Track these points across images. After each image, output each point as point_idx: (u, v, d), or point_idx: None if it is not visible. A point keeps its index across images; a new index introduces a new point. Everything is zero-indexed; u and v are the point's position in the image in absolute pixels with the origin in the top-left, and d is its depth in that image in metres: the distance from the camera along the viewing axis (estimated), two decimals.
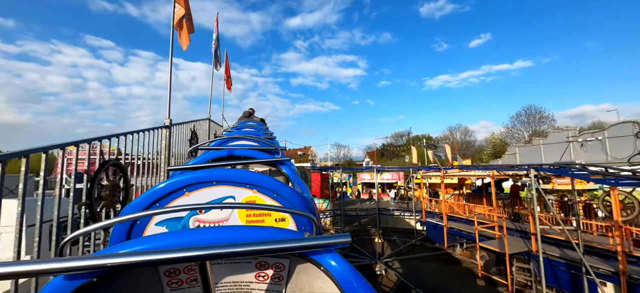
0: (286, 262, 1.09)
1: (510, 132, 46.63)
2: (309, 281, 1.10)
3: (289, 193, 1.75)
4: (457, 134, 60.32)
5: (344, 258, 1.00)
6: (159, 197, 1.59)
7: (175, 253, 0.77)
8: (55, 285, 0.80)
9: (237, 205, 1.65)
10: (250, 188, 1.69)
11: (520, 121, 45.07)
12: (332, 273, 0.96)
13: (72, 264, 0.73)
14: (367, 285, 0.95)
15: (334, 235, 0.94)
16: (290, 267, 1.10)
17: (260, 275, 1.13)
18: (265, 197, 1.71)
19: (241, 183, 1.69)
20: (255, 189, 1.70)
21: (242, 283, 1.14)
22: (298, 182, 2.18)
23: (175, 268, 1.03)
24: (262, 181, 1.71)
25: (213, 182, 1.67)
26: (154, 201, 1.58)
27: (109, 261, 0.74)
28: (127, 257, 0.76)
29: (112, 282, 0.90)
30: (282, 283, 1.14)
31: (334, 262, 0.97)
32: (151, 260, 0.76)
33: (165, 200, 1.60)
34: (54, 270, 0.72)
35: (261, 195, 1.70)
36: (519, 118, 45.25)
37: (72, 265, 0.73)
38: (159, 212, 1.37)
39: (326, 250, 0.98)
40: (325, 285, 1.03)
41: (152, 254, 0.76)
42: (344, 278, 0.95)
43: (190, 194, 1.64)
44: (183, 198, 1.62)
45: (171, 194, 1.61)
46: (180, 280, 1.06)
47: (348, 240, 0.93)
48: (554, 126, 42.74)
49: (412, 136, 72.22)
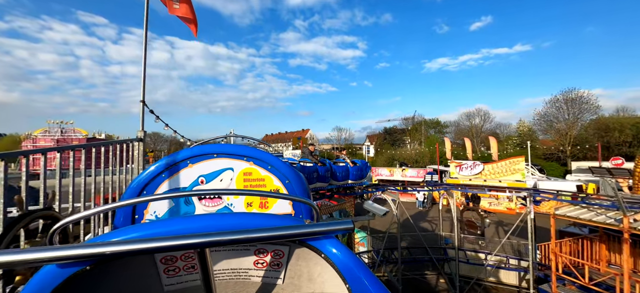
0: (285, 249, 1.11)
1: (544, 119, 39.78)
2: (308, 267, 1.11)
3: (281, 164, 1.89)
4: (476, 119, 53.19)
5: (344, 245, 1.00)
6: (167, 167, 1.84)
7: (174, 240, 0.75)
8: (47, 274, 0.78)
9: (240, 192, 1.77)
10: (247, 160, 1.87)
11: (556, 107, 38.10)
12: (333, 260, 0.97)
13: (64, 253, 0.70)
14: (369, 271, 0.97)
15: (335, 222, 0.93)
16: (289, 254, 1.11)
17: (258, 261, 1.14)
18: (260, 169, 1.88)
19: (238, 156, 1.86)
20: (252, 161, 1.87)
21: (241, 270, 1.16)
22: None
23: (173, 256, 1.02)
24: (258, 154, 1.92)
25: (214, 154, 1.85)
26: (162, 171, 1.82)
27: (102, 250, 0.72)
28: (121, 245, 0.74)
29: (107, 269, 0.90)
30: (281, 270, 1.16)
31: (335, 250, 0.98)
32: (146, 248, 0.73)
33: (172, 169, 1.83)
34: (46, 259, 0.69)
35: (257, 166, 1.88)
36: (555, 103, 38.26)
37: (64, 254, 0.70)
38: (152, 199, 1.33)
39: (326, 237, 0.98)
40: (324, 271, 1.05)
41: (147, 242, 0.73)
42: (345, 265, 0.95)
43: (193, 166, 1.84)
44: (187, 169, 1.85)
45: (177, 165, 1.85)
46: (177, 267, 1.05)
47: (350, 226, 0.91)
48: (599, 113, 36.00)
49: (419, 120, 64.98)
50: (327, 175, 7.96)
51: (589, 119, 37.57)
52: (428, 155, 46.21)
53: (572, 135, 37.28)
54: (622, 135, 33.56)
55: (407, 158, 47.54)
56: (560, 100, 38.39)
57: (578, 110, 37.12)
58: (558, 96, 38.77)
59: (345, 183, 8.61)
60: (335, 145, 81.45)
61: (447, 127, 64.75)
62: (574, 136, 37.19)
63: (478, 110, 54.12)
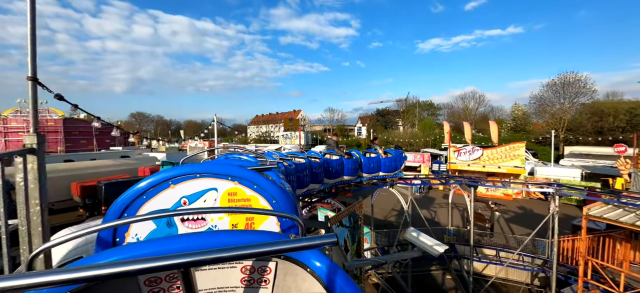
0: (272, 265, 1.10)
1: (539, 102, 39.36)
2: (296, 283, 1.10)
3: (268, 184, 1.78)
4: (471, 102, 52.60)
5: (329, 258, 1.02)
6: (147, 189, 1.68)
7: (156, 262, 0.73)
8: None
9: (223, 210, 1.67)
10: (231, 180, 1.76)
11: (553, 91, 37.63)
12: (318, 273, 0.99)
13: (42, 279, 0.67)
14: (353, 284, 0.98)
15: (319, 236, 0.89)
16: (277, 270, 1.10)
17: (245, 278, 1.13)
18: (246, 189, 1.78)
19: (223, 175, 1.75)
20: (237, 181, 1.76)
21: (228, 288, 1.15)
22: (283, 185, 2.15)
23: (157, 276, 1.01)
24: (243, 173, 1.77)
25: (197, 174, 1.74)
26: (142, 193, 1.67)
27: (84, 274, 0.70)
28: (102, 269, 0.72)
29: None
30: (268, 286, 1.14)
31: (319, 263, 1.01)
32: (129, 271, 0.72)
33: (152, 191, 1.69)
34: (22, 286, 0.66)
35: (242, 186, 1.78)
36: (552, 87, 37.75)
37: (42, 280, 0.67)
38: (133, 220, 1.33)
39: (312, 251, 1.00)
40: (312, 287, 1.04)
41: (130, 264, 0.72)
42: (329, 278, 0.98)
43: (175, 186, 1.71)
44: (169, 190, 1.70)
45: (157, 186, 1.70)
46: (161, 289, 1.04)
47: (334, 240, 0.89)
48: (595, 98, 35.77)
49: (412, 101, 64.05)
50: (355, 168, 7.43)
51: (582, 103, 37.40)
52: (422, 138, 45.62)
53: (566, 119, 37.15)
54: (616, 120, 33.55)
55: (401, 140, 46.89)
56: (558, 83, 37.89)
57: (574, 94, 36.79)
58: (555, 79, 38.26)
59: (375, 175, 8.00)
60: (328, 126, 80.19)
61: (440, 109, 64.19)
62: (568, 120, 37.08)
63: (473, 93, 53.53)
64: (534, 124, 43.96)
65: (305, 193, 6.15)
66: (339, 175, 7.08)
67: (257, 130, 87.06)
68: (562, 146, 36.40)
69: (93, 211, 16.31)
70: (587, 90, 36.25)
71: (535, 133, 40.99)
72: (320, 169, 6.49)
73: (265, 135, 73.46)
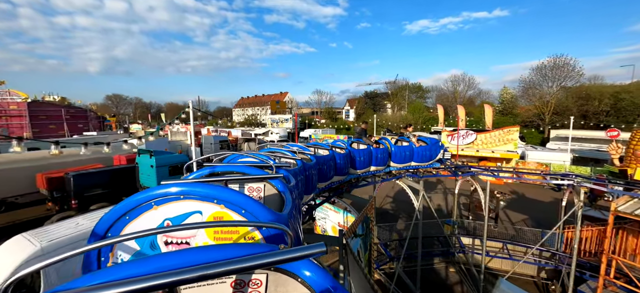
0: (263, 278, 1.09)
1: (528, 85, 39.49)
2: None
3: (258, 209, 1.70)
4: (461, 85, 52.39)
5: (320, 267, 1.02)
6: (129, 209, 1.66)
7: (142, 283, 0.73)
8: None
9: (203, 225, 1.62)
10: (217, 204, 1.71)
11: (542, 74, 37.73)
12: (310, 283, 0.99)
13: None
14: (345, 291, 0.99)
15: (308, 246, 0.89)
16: (268, 284, 1.09)
17: None
18: (233, 213, 1.71)
19: (208, 198, 1.70)
20: (223, 204, 1.70)
21: None
22: (288, 198, 2.14)
23: None
24: (230, 197, 1.72)
25: (180, 196, 1.69)
26: (124, 213, 1.66)
27: None
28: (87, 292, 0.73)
29: None
30: None
31: (309, 273, 1.00)
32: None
33: (135, 212, 1.67)
34: None
35: (228, 210, 1.71)
36: (541, 70, 37.80)
37: None
38: (115, 241, 1.34)
39: (302, 262, 0.99)
40: None
41: (115, 287, 0.72)
42: (321, 288, 0.98)
43: (158, 208, 1.68)
44: (152, 211, 1.68)
45: (140, 207, 1.67)
46: None
47: (323, 250, 0.89)
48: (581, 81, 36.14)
49: (401, 84, 63.43)
50: (384, 158, 7.09)
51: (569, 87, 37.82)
52: (412, 121, 45.28)
53: (553, 102, 37.57)
54: (602, 104, 34.14)
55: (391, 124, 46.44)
56: (547, 66, 37.97)
57: (563, 77, 37.05)
58: (545, 61, 38.31)
59: (407, 166, 7.61)
60: (316, 109, 78.70)
61: (428, 92, 63.96)
62: (554, 104, 37.51)
63: (463, 76, 53.29)
64: (521, 107, 44.44)
65: (327, 186, 5.95)
66: (366, 165, 6.80)
67: (243, 113, 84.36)
68: (547, 129, 37.01)
69: (63, 205, 14.72)
70: (575, 74, 36.58)
71: (523, 116, 41.44)
72: (345, 160, 6.17)
73: (252, 118, 71.22)
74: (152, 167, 13.74)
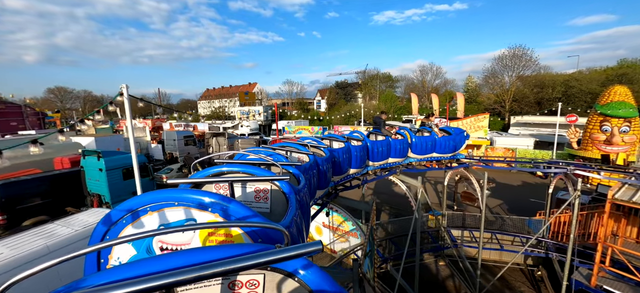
0: (260, 278, 1.07)
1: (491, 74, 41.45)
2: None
3: (254, 219, 1.65)
4: (429, 74, 53.83)
5: (315, 265, 0.99)
6: (128, 212, 1.67)
7: (138, 285, 0.72)
8: None
9: (198, 226, 1.46)
10: (211, 212, 1.68)
11: (503, 64, 39.75)
12: (306, 282, 0.98)
13: None
14: (341, 289, 0.97)
15: (304, 244, 0.87)
16: (265, 283, 1.07)
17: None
18: (213, 215, 1.70)
19: (203, 207, 1.67)
20: (218, 213, 1.67)
21: None
22: (291, 201, 2.10)
23: None
24: (226, 207, 1.69)
25: (175, 202, 1.67)
26: (122, 216, 1.66)
27: None
28: None
29: None
30: None
31: (303, 271, 0.99)
32: None
33: (133, 214, 1.67)
34: None
35: (223, 219, 1.69)
36: (502, 60, 39.81)
37: None
38: (113, 243, 1.22)
39: (299, 260, 0.98)
40: None
41: (112, 289, 0.71)
42: (318, 286, 0.97)
43: (153, 213, 1.68)
44: (147, 216, 1.67)
45: (137, 211, 1.68)
46: None
47: (319, 247, 0.88)
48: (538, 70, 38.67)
49: (372, 73, 63.83)
50: (404, 148, 6.89)
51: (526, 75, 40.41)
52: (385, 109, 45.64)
53: (512, 90, 39.94)
54: (554, 91, 36.89)
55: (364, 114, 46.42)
56: (507, 56, 40.11)
57: (521, 67, 39.40)
58: (505, 52, 40.39)
59: (429, 157, 7.41)
60: (286, 100, 76.70)
61: (397, 81, 65.08)
62: (514, 92, 39.91)
63: (431, 66, 54.78)
64: (483, 95, 46.84)
65: (343, 179, 5.67)
66: (384, 157, 6.55)
67: (209, 106, 79.63)
68: (508, 116, 39.39)
69: None
70: (531, 63, 39.10)
71: (485, 104, 43.65)
72: (361, 152, 5.82)
73: (219, 111, 67.36)
74: (101, 171, 11.66)
